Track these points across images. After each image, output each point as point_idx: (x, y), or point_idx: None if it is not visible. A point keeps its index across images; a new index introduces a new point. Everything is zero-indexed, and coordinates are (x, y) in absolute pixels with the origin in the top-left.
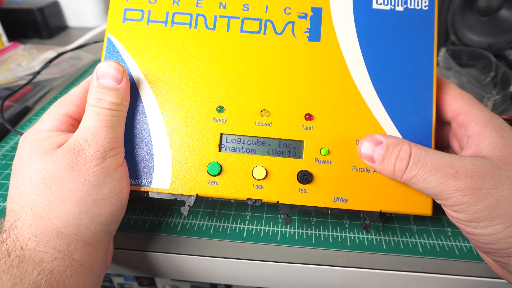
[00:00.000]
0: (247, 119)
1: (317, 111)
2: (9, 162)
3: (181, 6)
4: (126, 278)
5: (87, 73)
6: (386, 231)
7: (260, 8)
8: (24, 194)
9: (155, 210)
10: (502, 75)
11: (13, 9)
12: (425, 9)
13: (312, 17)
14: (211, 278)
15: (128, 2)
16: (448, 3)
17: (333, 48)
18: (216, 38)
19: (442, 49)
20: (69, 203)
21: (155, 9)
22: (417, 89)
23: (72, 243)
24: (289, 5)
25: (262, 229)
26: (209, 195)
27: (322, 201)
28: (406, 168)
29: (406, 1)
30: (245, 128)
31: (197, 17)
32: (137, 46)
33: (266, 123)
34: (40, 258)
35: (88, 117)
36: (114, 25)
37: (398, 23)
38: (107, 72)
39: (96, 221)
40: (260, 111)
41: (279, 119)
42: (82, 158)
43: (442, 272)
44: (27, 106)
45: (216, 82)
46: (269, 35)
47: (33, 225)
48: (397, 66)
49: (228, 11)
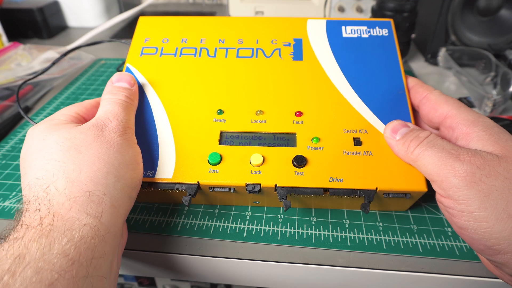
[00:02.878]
0: (244, 117)
1: (305, 109)
2: (9, 162)
3: (188, 43)
4: (126, 278)
5: (87, 73)
6: (386, 231)
7: (252, 41)
8: (54, 160)
9: (155, 210)
10: (502, 75)
11: (13, 9)
12: (386, 35)
13: (294, 45)
14: (211, 278)
15: (145, 43)
16: (448, 3)
17: (314, 64)
18: (216, 62)
19: (442, 49)
20: (98, 164)
21: (167, 47)
22: (390, 88)
23: (101, 204)
24: (275, 38)
25: (262, 229)
26: (210, 183)
27: (318, 181)
28: (418, 145)
29: (369, 31)
30: (242, 125)
31: (201, 50)
32: (151, 71)
33: (261, 120)
34: (71, 224)
35: (104, 105)
36: (133, 59)
37: (366, 45)
38: (122, 77)
39: (121, 182)
40: (255, 111)
41: (272, 117)
42: (106, 130)
43: (442, 272)
44: (27, 106)
45: (216, 92)
46: (260, 58)
47: (67, 189)
48: (370, 72)
49: (226, 44)
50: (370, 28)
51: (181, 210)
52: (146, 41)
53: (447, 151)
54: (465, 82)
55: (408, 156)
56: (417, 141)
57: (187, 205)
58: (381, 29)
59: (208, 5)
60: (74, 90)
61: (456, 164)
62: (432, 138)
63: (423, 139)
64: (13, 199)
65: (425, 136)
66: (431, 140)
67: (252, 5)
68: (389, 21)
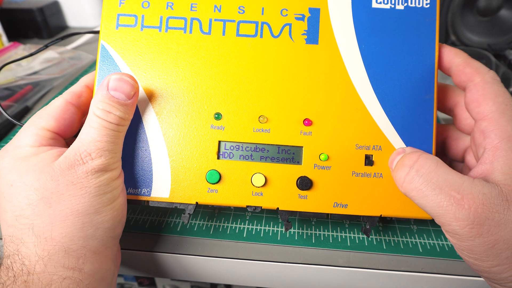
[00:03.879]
0: (245, 125)
1: (315, 116)
2: None
3: (175, 10)
4: (126, 278)
5: (87, 73)
6: (386, 231)
7: (256, 10)
8: (22, 217)
9: (155, 210)
10: (502, 75)
11: (13, 9)
12: (426, 7)
13: (309, 18)
14: (211, 278)
15: (120, 7)
16: (448, 3)
17: (332, 51)
18: (211, 43)
19: None
20: (71, 217)
21: (149, 14)
22: (417, 91)
23: (81, 257)
24: (285, 7)
25: (262, 229)
26: (209, 203)
27: (322, 207)
28: (406, 176)
29: (407, 0)
30: (243, 135)
31: (192, 21)
32: (132, 53)
33: (265, 129)
34: (49, 280)
35: (92, 129)
36: (108, 32)
37: (398, 22)
38: (120, 86)
39: (100, 229)
40: (258, 117)
41: (277, 125)
42: (84, 171)
43: (442, 272)
44: (27, 106)
45: (213, 88)
46: (266, 38)
47: (38, 247)
48: (397, 67)
49: (223, 14)
50: None
51: (181, 210)
52: (121, 4)
53: (447, 194)
54: None
55: (400, 190)
56: (403, 170)
57: (186, 223)
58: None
59: None
60: None
61: (459, 212)
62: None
63: (409, 168)
64: None
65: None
66: (423, 173)
67: None
68: None
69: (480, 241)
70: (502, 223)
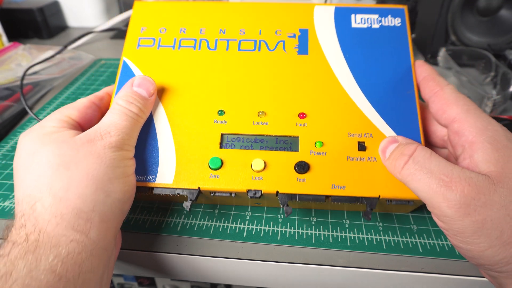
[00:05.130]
0: (245, 119)
1: (309, 110)
2: (9, 162)
3: (187, 33)
4: (126, 278)
5: (87, 73)
6: (386, 231)
7: (255, 32)
8: (42, 177)
9: (155, 210)
10: (502, 75)
11: (13, 9)
12: (398, 25)
13: (300, 36)
14: (211, 278)
15: (142, 32)
16: (448, 3)
17: (320, 59)
18: (217, 56)
19: (442, 49)
20: (86, 181)
21: (165, 37)
22: (399, 88)
23: (89, 221)
24: (279, 28)
25: (262, 229)
26: (211, 188)
27: (320, 189)
28: (404, 164)
29: (380, 20)
30: (243, 127)
31: (201, 41)
32: (149, 66)
33: (263, 122)
34: (57, 241)
35: (114, 114)
36: (129, 51)
37: (376, 37)
38: (144, 83)
39: (111, 197)
40: (257, 113)
41: (275, 119)
42: (101, 145)
43: (442, 272)
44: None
45: (217, 90)
46: (263, 52)
47: (52, 206)
48: (379, 69)
49: (227, 35)
50: (381, 17)
51: (181, 210)
52: (143, 30)
53: (437, 178)
54: (465, 82)
55: (397, 176)
56: (401, 159)
57: (188, 210)
58: (393, 18)
59: None
60: (74, 90)
61: (448, 193)
62: (419, 156)
63: (408, 157)
64: (13, 199)
65: (410, 153)
66: (418, 159)
67: None
68: (402, 9)
69: (469, 222)
70: (489, 203)
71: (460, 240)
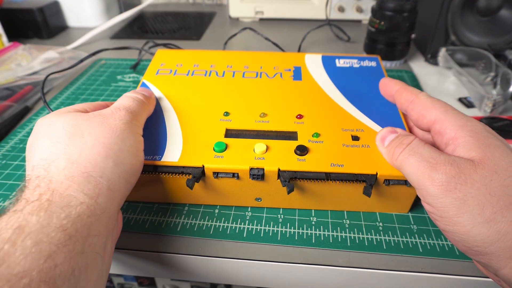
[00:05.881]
0: (249, 118)
1: (306, 113)
2: (9, 162)
3: (199, 67)
4: (126, 278)
5: (87, 73)
6: (386, 231)
7: (257, 67)
8: (58, 143)
9: (155, 210)
10: (502, 75)
11: (13, 9)
12: (374, 66)
13: (294, 70)
14: (211, 278)
15: (161, 66)
16: (448, 3)
17: (312, 83)
18: (224, 80)
19: (442, 49)
20: (98, 148)
21: (180, 69)
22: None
23: (98, 186)
24: (276, 65)
25: (262, 229)
26: (215, 167)
27: (320, 166)
28: (401, 151)
29: (359, 62)
30: (247, 124)
31: (211, 72)
32: (165, 86)
33: (264, 120)
34: (68, 201)
35: (121, 99)
36: (149, 76)
37: (357, 71)
38: (145, 90)
39: (119, 167)
40: (259, 114)
41: (275, 118)
42: (113, 117)
43: (442, 272)
44: (27, 106)
45: (223, 100)
46: (264, 79)
47: (66, 169)
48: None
49: (233, 69)
50: (360, 61)
51: (181, 210)
52: (162, 65)
53: (426, 160)
54: (465, 82)
55: (393, 163)
56: (400, 147)
57: (191, 188)
58: (370, 61)
59: (208, 5)
60: (74, 90)
61: (432, 173)
62: (415, 145)
63: (406, 146)
64: (13, 199)
65: (408, 142)
66: (413, 147)
67: (252, 5)
68: (376, 57)
69: (450, 199)
70: (469, 181)
71: (446, 222)
